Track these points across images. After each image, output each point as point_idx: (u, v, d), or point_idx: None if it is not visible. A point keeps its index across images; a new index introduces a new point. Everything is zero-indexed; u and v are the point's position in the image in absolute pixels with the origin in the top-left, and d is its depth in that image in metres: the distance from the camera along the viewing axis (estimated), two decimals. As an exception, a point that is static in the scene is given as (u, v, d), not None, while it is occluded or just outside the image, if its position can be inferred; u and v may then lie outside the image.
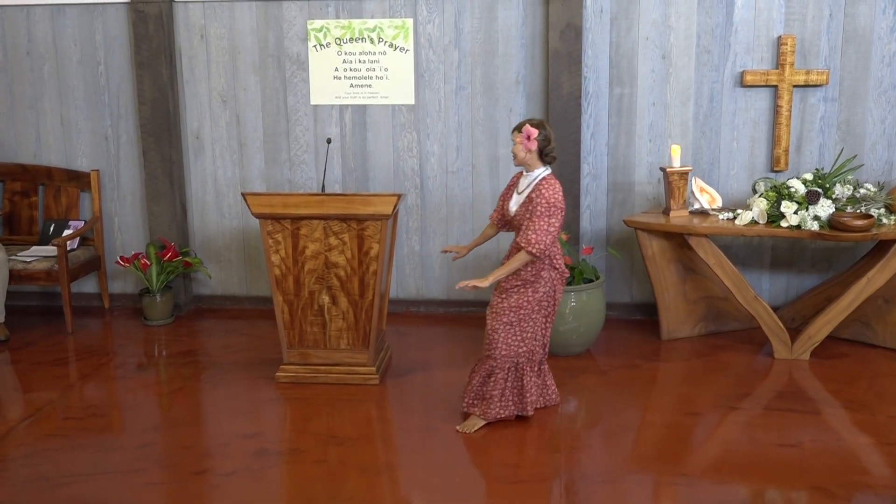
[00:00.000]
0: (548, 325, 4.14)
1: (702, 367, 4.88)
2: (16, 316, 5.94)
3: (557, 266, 4.03)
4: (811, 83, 5.36)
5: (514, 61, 5.59)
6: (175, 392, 4.67)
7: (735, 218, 5.04)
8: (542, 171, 3.99)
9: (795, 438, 3.96)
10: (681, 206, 5.19)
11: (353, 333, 4.64)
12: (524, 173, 4.07)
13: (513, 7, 5.54)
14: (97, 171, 5.92)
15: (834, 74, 5.39)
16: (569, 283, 4.97)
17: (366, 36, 5.66)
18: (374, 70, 5.69)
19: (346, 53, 5.70)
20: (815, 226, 4.79)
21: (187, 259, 5.80)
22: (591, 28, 5.48)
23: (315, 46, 5.71)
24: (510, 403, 4.12)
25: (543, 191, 3.91)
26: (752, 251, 5.66)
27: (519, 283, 4.01)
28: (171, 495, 3.56)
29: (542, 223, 3.86)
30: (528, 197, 3.97)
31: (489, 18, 5.57)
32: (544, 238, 3.86)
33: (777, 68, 5.38)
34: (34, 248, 5.78)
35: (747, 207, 5.10)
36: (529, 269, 3.98)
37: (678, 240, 5.14)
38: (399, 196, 4.45)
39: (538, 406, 4.24)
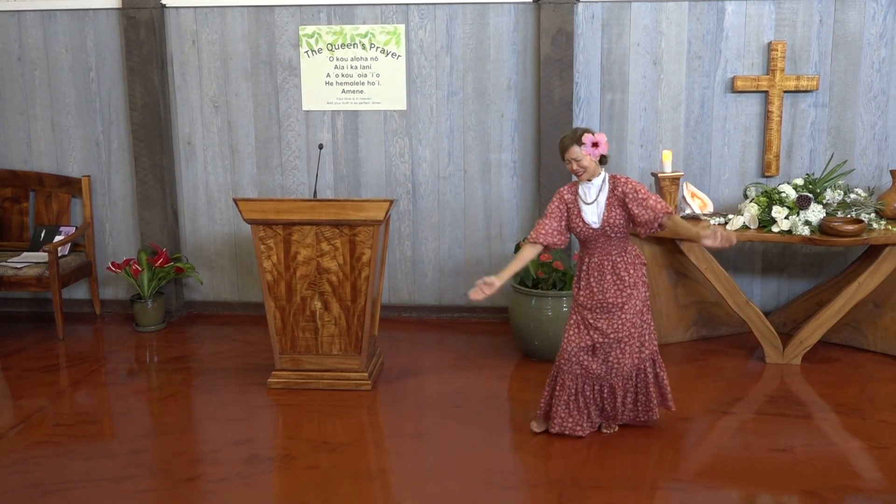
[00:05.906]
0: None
1: (693, 371, 4.89)
2: (6, 322, 5.92)
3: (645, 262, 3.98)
4: (801, 89, 5.38)
5: (506, 67, 5.60)
6: (166, 398, 4.65)
7: (726, 223, 5.06)
8: (604, 174, 3.85)
9: (787, 443, 3.97)
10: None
11: (345, 339, 4.64)
12: (581, 184, 3.86)
13: (504, 13, 5.55)
14: (88, 176, 5.90)
15: (824, 80, 5.42)
16: (560, 289, 4.98)
17: (357, 42, 5.67)
18: (365, 76, 5.70)
19: (337, 59, 5.70)
20: (805, 231, 4.81)
21: (179, 265, 5.79)
22: (582, 34, 5.50)
23: (307, 52, 5.71)
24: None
25: (627, 184, 3.80)
26: (744, 256, 5.68)
27: (630, 290, 3.88)
28: (162, 502, 3.55)
29: (655, 198, 3.79)
30: (614, 198, 3.79)
31: (481, 24, 5.58)
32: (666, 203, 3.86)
33: (767, 74, 5.40)
34: (25, 254, 5.76)
35: (738, 213, 5.11)
36: (633, 272, 3.88)
37: (670, 245, 5.15)
38: (391, 202, 4.46)
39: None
